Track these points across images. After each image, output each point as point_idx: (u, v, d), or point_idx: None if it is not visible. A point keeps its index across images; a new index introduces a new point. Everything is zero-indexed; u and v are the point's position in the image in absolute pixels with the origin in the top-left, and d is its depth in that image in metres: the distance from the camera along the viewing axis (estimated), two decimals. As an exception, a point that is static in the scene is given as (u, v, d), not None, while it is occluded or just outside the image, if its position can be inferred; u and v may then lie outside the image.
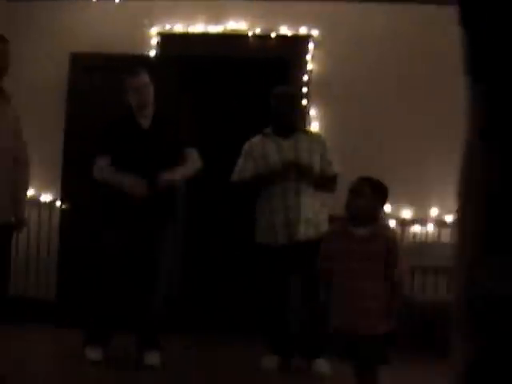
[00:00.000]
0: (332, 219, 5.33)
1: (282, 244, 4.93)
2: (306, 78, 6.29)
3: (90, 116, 6.10)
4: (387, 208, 6.25)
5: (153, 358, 4.96)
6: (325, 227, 4.96)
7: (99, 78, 6.27)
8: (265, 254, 5.04)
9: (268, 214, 4.98)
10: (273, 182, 4.91)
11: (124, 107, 5.08)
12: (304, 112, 6.15)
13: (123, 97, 5.03)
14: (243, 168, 5.07)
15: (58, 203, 6.51)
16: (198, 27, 6.52)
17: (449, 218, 6.26)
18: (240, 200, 5.31)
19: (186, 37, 6.49)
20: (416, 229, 6.31)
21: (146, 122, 5.05)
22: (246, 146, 5.14)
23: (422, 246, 6.31)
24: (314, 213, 4.97)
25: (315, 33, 6.37)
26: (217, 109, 7.88)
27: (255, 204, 5.10)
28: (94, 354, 4.97)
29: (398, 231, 6.30)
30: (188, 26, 6.53)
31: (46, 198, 6.62)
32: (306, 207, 4.91)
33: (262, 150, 5.05)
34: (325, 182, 5.01)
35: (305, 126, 5.15)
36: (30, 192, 6.56)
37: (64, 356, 5.19)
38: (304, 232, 4.90)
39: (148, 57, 6.42)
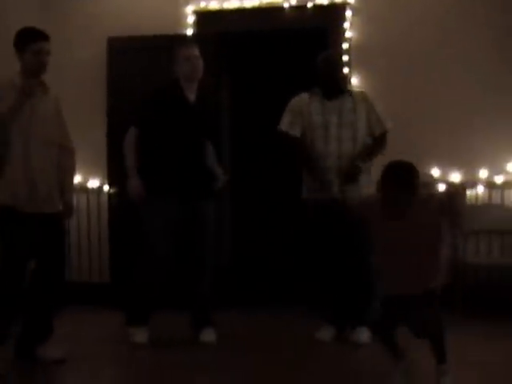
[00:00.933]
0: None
1: (319, 200, 4.92)
2: (345, 46, 6.21)
3: (132, 100, 6.11)
4: (435, 172, 6.19)
5: (208, 335, 5.00)
6: (368, 190, 4.91)
7: (138, 60, 6.27)
8: (308, 210, 5.03)
9: (312, 171, 4.98)
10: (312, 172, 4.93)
11: (170, 79, 5.07)
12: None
13: (171, 68, 5.01)
14: (292, 121, 5.08)
15: (106, 188, 6.56)
16: (233, 3, 6.49)
17: (499, 179, 6.16)
18: (284, 151, 5.25)
19: (221, 13, 6.46)
20: (466, 192, 6.21)
21: (192, 96, 5.04)
22: (295, 101, 5.14)
23: (473, 208, 6.22)
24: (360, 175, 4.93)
25: (352, 0, 6.28)
26: (257, 84, 7.86)
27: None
28: (140, 336, 5.01)
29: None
30: (223, 2, 6.50)
31: (93, 183, 6.67)
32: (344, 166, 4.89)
33: (307, 108, 5.04)
34: (373, 151, 4.95)
35: (348, 87, 5.09)
36: (78, 178, 6.65)
37: (109, 336, 5.23)
38: (344, 193, 4.86)
39: (185, 36, 6.40)
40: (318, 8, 6.30)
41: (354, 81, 6.23)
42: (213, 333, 5.03)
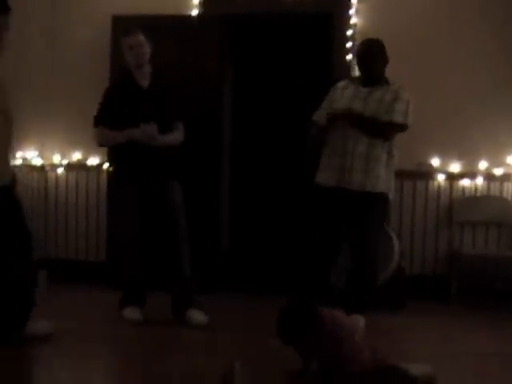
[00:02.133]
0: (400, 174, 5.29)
1: (333, 186, 4.91)
2: (349, 32, 6.19)
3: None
4: (435, 162, 6.20)
5: (199, 317, 5.00)
6: (387, 183, 4.91)
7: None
8: (319, 195, 5.02)
9: (327, 156, 4.97)
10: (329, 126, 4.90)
11: (123, 68, 5.11)
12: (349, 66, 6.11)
13: (121, 57, 5.06)
14: (320, 108, 5.07)
15: (105, 166, 6.56)
16: (238, -15, 6.45)
17: (498, 172, 6.17)
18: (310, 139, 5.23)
19: (227, -5, 6.42)
20: (465, 183, 6.23)
21: (145, 82, 5.07)
22: (332, 89, 5.14)
23: (471, 199, 6.24)
24: (373, 164, 4.88)
25: (358, -14, 6.26)
26: (259, 66, 7.86)
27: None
28: (132, 314, 5.05)
29: (447, 185, 6.24)
30: (229, -17, 6.47)
31: (93, 161, 6.67)
32: (364, 157, 4.85)
33: (341, 93, 5.03)
34: (373, 126, 4.90)
35: (385, 77, 5.04)
36: (78, 156, 6.66)
37: (105, 315, 5.25)
38: (356, 180, 4.85)
39: (190, 17, 6.38)
40: (324, -7, 6.28)
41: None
42: (201, 314, 5.03)
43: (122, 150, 5.03)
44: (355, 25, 6.22)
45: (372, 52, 4.98)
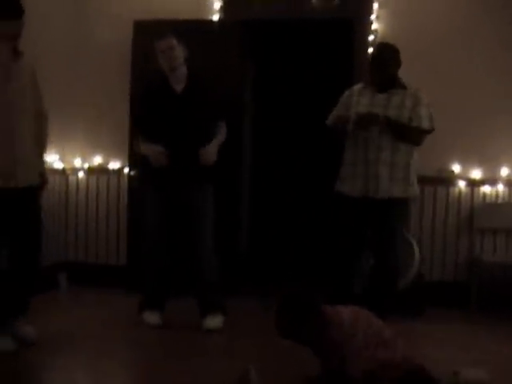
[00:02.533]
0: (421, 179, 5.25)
1: (358, 196, 4.90)
2: (371, 38, 6.19)
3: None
4: (456, 168, 6.17)
5: (213, 322, 5.00)
6: (412, 187, 4.89)
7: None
8: (341, 204, 5.01)
9: (349, 164, 4.96)
10: (350, 128, 4.88)
11: (158, 71, 5.09)
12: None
13: (155, 61, 5.06)
14: (334, 112, 5.06)
15: (126, 170, 6.58)
16: (260, -10, 6.47)
17: (520, 178, 6.14)
18: (330, 143, 5.22)
19: (248, 0, 6.44)
20: (486, 189, 6.19)
21: (179, 86, 5.06)
22: (346, 92, 5.13)
23: (492, 206, 6.20)
24: (397, 170, 4.87)
25: (379, -8, 6.26)
26: (280, 72, 7.88)
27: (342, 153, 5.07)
28: (152, 318, 5.07)
29: (468, 191, 6.21)
30: (250, -11, 6.48)
31: (114, 165, 6.70)
32: (388, 163, 4.84)
33: (356, 99, 5.01)
34: (405, 132, 4.88)
35: (400, 80, 5.02)
36: (99, 160, 6.69)
37: (124, 319, 5.27)
38: (383, 188, 4.84)
39: (211, 21, 6.40)
40: (345, -1, 6.28)
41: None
42: (217, 319, 5.04)
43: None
44: (376, 30, 6.21)
45: (385, 56, 4.95)
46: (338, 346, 3.33)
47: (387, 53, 4.97)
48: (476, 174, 6.18)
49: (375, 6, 6.23)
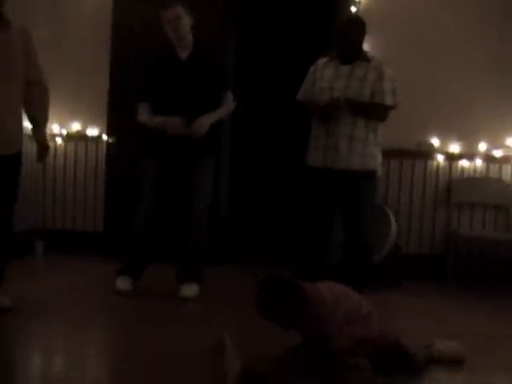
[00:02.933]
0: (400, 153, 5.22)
1: (320, 167, 4.91)
2: (353, 9, 6.15)
3: (134, 50, 6.07)
4: (435, 142, 6.19)
5: (189, 290, 5.01)
6: (372, 160, 4.89)
7: (143, 11, 6.20)
8: (308, 175, 5.02)
9: (314, 137, 4.98)
10: (322, 114, 4.87)
11: (164, 39, 5.04)
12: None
13: (163, 29, 5.00)
14: (304, 87, 5.06)
15: (105, 137, 6.54)
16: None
17: (497, 153, 6.17)
18: (301, 118, 5.21)
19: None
20: (464, 163, 6.22)
21: (184, 54, 5.01)
22: (311, 67, 5.11)
23: (470, 180, 6.23)
24: (357, 143, 4.87)
25: (363, -38, 6.22)
26: (263, 42, 7.83)
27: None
28: (123, 284, 5.05)
29: (446, 165, 6.24)
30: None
31: (92, 132, 6.65)
32: (348, 136, 4.84)
33: (321, 73, 4.99)
34: (368, 110, 4.87)
35: (365, 52, 4.98)
36: (77, 126, 6.63)
37: (101, 286, 5.26)
38: (342, 160, 4.84)
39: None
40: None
41: (360, 45, 6.21)
42: (193, 288, 5.04)
43: (154, 130, 4.99)
44: (359, 2, 6.17)
45: (349, 28, 4.91)
46: (319, 324, 3.34)
47: (352, 25, 4.94)
48: (454, 148, 6.20)
49: (358, -23, 6.20)
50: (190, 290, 5.03)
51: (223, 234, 6.46)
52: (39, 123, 4.57)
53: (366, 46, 6.02)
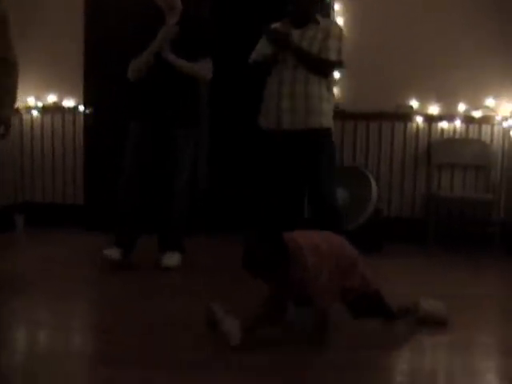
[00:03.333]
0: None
1: (274, 129, 4.88)
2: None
3: (109, 20, 6.00)
4: (414, 104, 6.18)
5: (170, 260, 5.01)
6: (326, 118, 4.87)
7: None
8: (263, 139, 5.00)
9: (266, 100, 4.95)
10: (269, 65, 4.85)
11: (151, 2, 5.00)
12: (328, 7, 6.04)
13: None
14: (256, 49, 5.04)
15: (81, 108, 6.48)
16: None
17: (477, 114, 6.16)
18: (256, 82, 5.20)
19: None
20: (443, 125, 6.22)
21: (173, 19, 4.99)
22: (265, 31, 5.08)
23: (450, 142, 6.24)
24: (311, 102, 4.85)
25: None
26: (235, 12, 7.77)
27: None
28: (112, 252, 4.99)
29: (426, 127, 6.24)
30: None
31: (68, 103, 6.58)
32: (303, 96, 4.82)
33: None
34: (311, 61, 4.79)
35: (315, 16, 4.98)
36: (53, 98, 6.56)
37: (82, 259, 5.24)
38: (298, 120, 4.81)
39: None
40: None
41: (337, 7, 6.16)
42: (175, 257, 5.04)
43: (140, 89, 4.97)
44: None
45: None
46: (302, 287, 3.36)
47: None
48: (433, 109, 6.19)
49: None
50: (172, 259, 5.02)
51: (202, 204, 6.45)
52: (3, 103, 4.41)
53: (342, 10, 6.02)
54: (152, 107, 4.94)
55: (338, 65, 4.92)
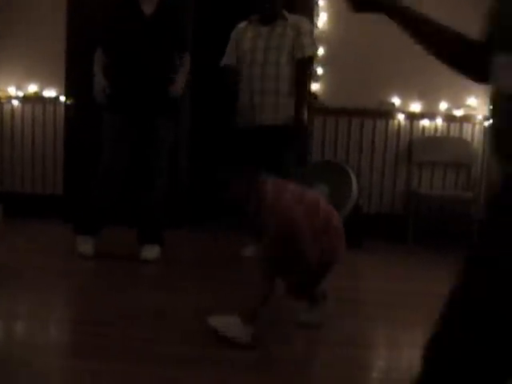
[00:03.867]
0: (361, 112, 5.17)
1: (247, 127, 4.92)
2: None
3: (91, 10, 5.95)
4: (396, 101, 6.19)
5: (150, 253, 4.99)
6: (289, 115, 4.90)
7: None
8: (237, 137, 5.05)
9: (241, 98, 5.02)
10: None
11: None
12: (312, 2, 6.04)
13: None
14: (227, 53, 5.11)
15: (62, 99, 6.43)
16: None
17: (458, 113, 6.19)
18: (228, 84, 5.25)
19: None
20: (425, 123, 6.24)
21: (149, 9, 4.91)
22: (233, 32, 5.20)
23: (431, 140, 6.26)
24: (281, 98, 4.89)
25: None
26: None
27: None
28: (85, 248, 4.99)
29: (407, 125, 6.25)
30: None
31: (49, 93, 6.54)
32: (273, 92, 4.86)
33: (242, 35, 5.09)
34: (300, 93, 4.90)
35: (282, 12, 5.04)
36: (34, 88, 6.51)
37: (61, 249, 5.21)
38: (268, 117, 4.87)
39: None
40: None
41: (321, 2, 6.16)
42: (154, 250, 5.02)
43: (120, 75, 4.90)
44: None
45: None
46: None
47: None
48: (415, 107, 6.21)
49: None
50: (152, 252, 5.00)
51: (183, 197, 6.43)
52: None
53: (325, 6, 6.03)
54: (128, 101, 4.88)
55: (313, 57, 5.09)
